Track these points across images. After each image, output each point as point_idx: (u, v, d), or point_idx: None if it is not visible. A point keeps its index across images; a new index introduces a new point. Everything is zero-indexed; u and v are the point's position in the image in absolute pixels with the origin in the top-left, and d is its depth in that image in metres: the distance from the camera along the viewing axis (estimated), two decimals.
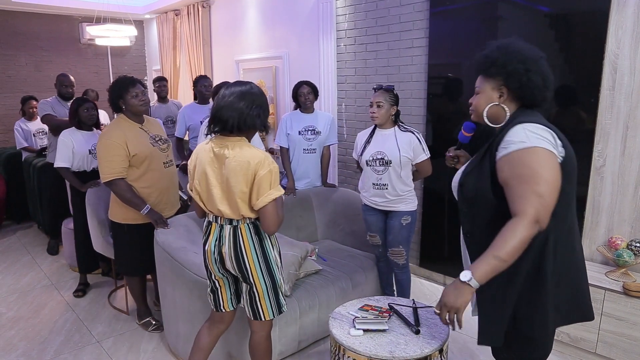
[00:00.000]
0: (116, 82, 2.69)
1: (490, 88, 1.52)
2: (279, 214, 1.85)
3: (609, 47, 2.58)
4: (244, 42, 5.33)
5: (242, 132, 1.87)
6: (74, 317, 3.18)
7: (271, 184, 1.81)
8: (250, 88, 1.88)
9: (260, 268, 1.93)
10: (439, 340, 1.97)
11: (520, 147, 1.35)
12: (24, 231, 5.12)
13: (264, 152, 1.84)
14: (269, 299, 1.98)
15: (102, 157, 2.61)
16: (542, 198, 1.30)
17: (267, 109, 1.92)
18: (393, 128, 2.81)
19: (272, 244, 1.98)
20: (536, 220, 1.30)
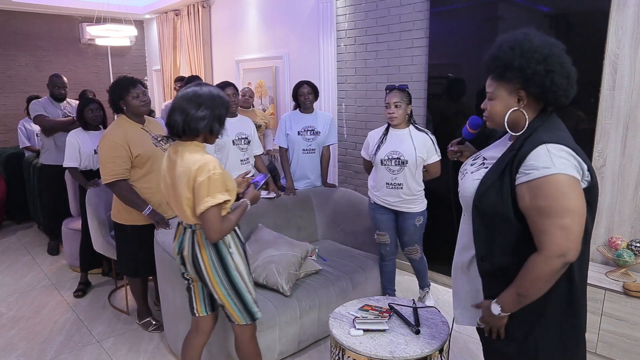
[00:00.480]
0: (116, 83, 2.68)
1: (506, 93, 1.35)
2: (216, 222, 1.76)
3: (609, 47, 2.58)
4: (244, 42, 5.33)
5: (192, 136, 1.82)
6: (74, 317, 3.18)
7: (208, 190, 1.73)
8: (199, 89, 1.82)
9: (218, 275, 1.89)
10: (439, 340, 1.97)
11: (543, 173, 1.23)
12: (24, 231, 5.12)
13: (209, 158, 1.77)
14: (235, 305, 1.94)
15: (103, 159, 2.61)
16: (566, 231, 1.22)
17: (220, 111, 1.83)
18: (408, 128, 2.84)
19: (232, 251, 1.91)
20: (560, 254, 1.23)
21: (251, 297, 1.97)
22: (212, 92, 1.84)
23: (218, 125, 1.85)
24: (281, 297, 2.56)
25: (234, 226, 1.87)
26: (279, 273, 2.61)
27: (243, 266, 1.95)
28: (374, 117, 3.94)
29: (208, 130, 1.83)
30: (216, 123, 1.83)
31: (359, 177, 4.17)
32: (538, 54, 1.27)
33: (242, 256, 1.96)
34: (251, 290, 1.98)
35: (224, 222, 1.81)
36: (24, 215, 5.25)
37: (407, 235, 2.94)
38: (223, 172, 1.80)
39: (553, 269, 1.24)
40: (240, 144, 3.32)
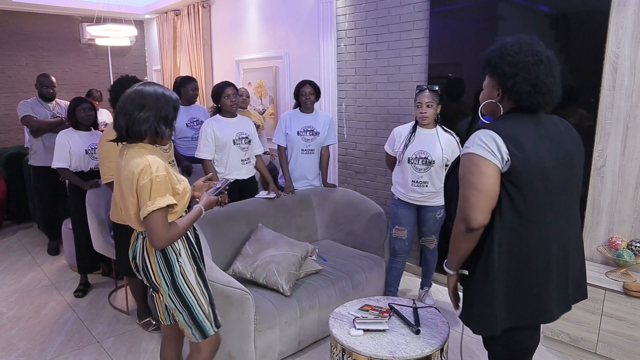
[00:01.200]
0: (118, 82, 2.69)
1: (491, 86, 1.57)
2: (160, 228, 1.64)
3: (609, 47, 2.58)
4: (244, 42, 5.33)
5: (138, 139, 1.73)
6: (74, 317, 3.18)
7: (150, 194, 1.62)
8: (143, 89, 1.72)
9: (167, 285, 1.78)
10: (439, 340, 1.97)
11: (465, 151, 1.48)
12: (24, 231, 5.12)
13: (152, 160, 1.66)
14: (184, 319, 1.82)
15: (103, 158, 2.61)
16: (466, 201, 1.45)
17: (166, 111, 1.73)
18: (435, 128, 2.92)
19: (182, 260, 1.79)
20: (461, 219, 1.47)
21: (202, 312, 1.82)
22: (157, 91, 1.74)
23: (164, 126, 1.74)
24: (281, 297, 2.56)
25: (182, 233, 1.74)
26: (279, 273, 2.61)
27: (193, 277, 1.81)
28: (374, 117, 3.94)
29: (153, 133, 1.72)
30: (162, 124, 1.72)
31: (359, 177, 4.17)
32: (511, 57, 1.46)
33: (193, 266, 1.82)
34: (203, 303, 1.83)
35: (171, 228, 1.68)
36: (24, 215, 5.26)
37: (426, 227, 3.05)
38: (169, 174, 1.70)
39: (458, 230, 1.50)
40: (241, 144, 3.32)
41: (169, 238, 1.68)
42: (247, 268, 2.71)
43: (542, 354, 2.65)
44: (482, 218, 1.44)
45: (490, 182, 1.42)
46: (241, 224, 3.09)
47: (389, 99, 3.80)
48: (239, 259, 2.79)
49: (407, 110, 3.64)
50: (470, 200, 1.43)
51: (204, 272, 1.88)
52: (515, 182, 1.43)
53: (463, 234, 1.48)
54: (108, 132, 2.66)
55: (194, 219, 1.80)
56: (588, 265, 2.35)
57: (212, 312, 1.87)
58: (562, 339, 2.61)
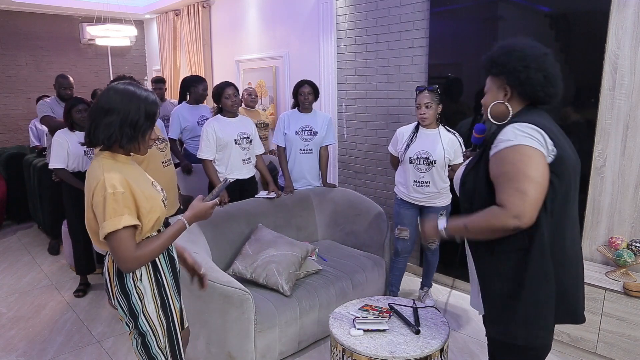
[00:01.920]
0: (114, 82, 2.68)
1: (495, 87, 1.54)
2: (124, 250, 1.43)
3: (609, 47, 2.58)
4: (244, 42, 5.34)
5: (97, 145, 1.51)
6: (74, 317, 3.18)
7: (105, 213, 1.40)
8: (110, 89, 1.51)
9: (125, 312, 1.56)
10: (439, 340, 1.97)
11: (507, 145, 1.38)
12: (24, 231, 5.12)
13: (108, 174, 1.43)
14: (136, 346, 1.59)
15: None
16: (523, 195, 1.32)
17: (135, 116, 1.48)
18: (437, 128, 2.92)
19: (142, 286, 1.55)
20: (515, 215, 1.33)
21: (157, 344, 1.58)
22: (127, 91, 1.50)
23: (131, 134, 1.49)
24: (281, 297, 2.56)
25: (157, 253, 1.52)
26: (279, 273, 2.61)
27: (153, 306, 1.56)
28: (374, 117, 3.94)
29: (116, 142, 1.49)
30: (127, 132, 1.48)
31: (359, 177, 4.17)
32: (519, 52, 1.46)
33: (155, 294, 1.57)
34: (160, 336, 1.58)
35: (141, 248, 1.47)
36: (24, 215, 5.26)
37: None
38: (134, 190, 1.46)
39: (505, 225, 1.35)
40: (242, 144, 3.32)
41: (138, 259, 1.46)
42: (247, 268, 2.71)
43: None
44: (535, 215, 1.34)
45: (547, 174, 1.35)
46: (241, 224, 3.09)
47: (389, 99, 3.80)
48: (239, 259, 2.79)
49: (407, 110, 3.64)
50: (530, 194, 1.31)
51: (171, 305, 1.62)
52: (559, 174, 1.37)
53: (506, 230, 1.36)
54: None
55: (175, 236, 1.56)
56: (588, 265, 2.36)
57: (169, 345, 1.61)
58: (562, 339, 2.61)
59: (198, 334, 2.42)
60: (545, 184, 1.35)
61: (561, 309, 1.44)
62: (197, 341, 2.43)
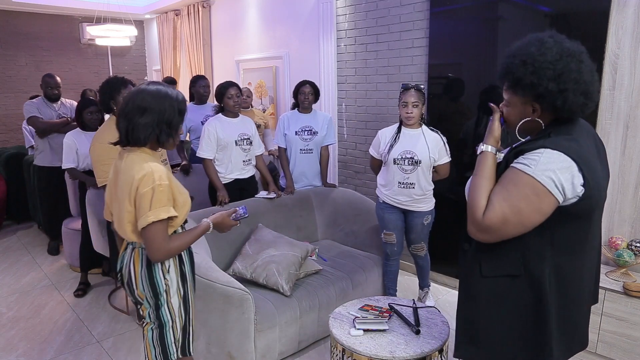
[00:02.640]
0: (107, 83, 2.67)
1: (520, 103, 1.31)
2: (159, 240, 1.53)
3: (609, 47, 2.58)
4: (244, 42, 5.34)
5: (139, 145, 1.60)
6: (74, 317, 3.18)
7: (151, 204, 1.50)
8: (146, 92, 1.58)
9: (147, 299, 1.66)
10: (439, 340, 1.97)
11: (526, 170, 1.21)
12: (24, 231, 5.12)
13: (155, 167, 1.54)
14: (152, 337, 1.69)
15: (96, 162, 2.60)
16: (504, 218, 1.22)
17: (169, 117, 1.59)
18: (421, 127, 2.86)
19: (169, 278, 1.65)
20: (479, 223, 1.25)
21: (173, 334, 1.68)
22: (160, 92, 1.60)
23: (167, 132, 1.61)
24: (281, 297, 2.56)
25: (184, 247, 1.63)
26: (279, 273, 2.61)
27: (177, 298, 1.67)
28: (374, 117, 3.94)
29: (154, 140, 1.61)
30: (164, 130, 1.60)
31: (359, 177, 4.17)
32: (551, 71, 1.20)
33: (180, 289, 1.68)
34: (177, 326, 1.68)
35: (172, 241, 1.57)
36: (24, 215, 5.25)
37: (414, 234, 2.97)
38: (172, 184, 1.58)
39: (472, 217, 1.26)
40: (242, 145, 3.32)
41: (169, 251, 1.57)
42: (247, 268, 2.71)
43: None
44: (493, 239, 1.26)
45: (538, 220, 1.22)
46: (241, 224, 3.07)
47: (389, 99, 3.80)
48: (239, 259, 2.79)
49: None
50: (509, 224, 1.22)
51: (190, 297, 1.72)
52: (581, 214, 1.25)
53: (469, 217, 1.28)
54: (100, 135, 2.65)
55: (200, 234, 1.68)
56: None
57: (182, 338, 1.71)
58: None
59: (198, 334, 2.42)
60: (529, 226, 1.23)
61: (572, 339, 1.37)
62: (197, 341, 2.43)
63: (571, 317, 1.34)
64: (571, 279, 1.31)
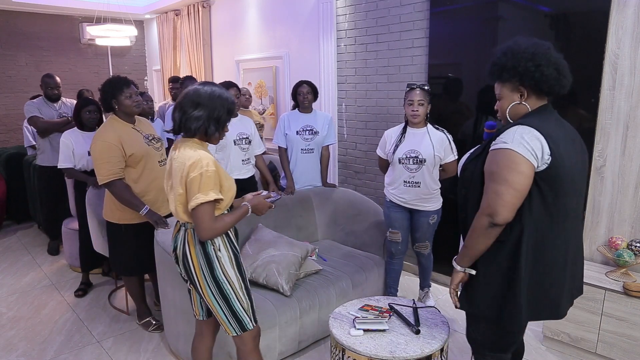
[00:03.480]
0: (109, 82, 2.67)
1: (509, 91, 1.58)
2: (207, 220, 1.72)
3: (609, 47, 2.58)
4: (244, 42, 5.34)
5: (189, 134, 1.80)
6: (74, 317, 3.18)
7: (200, 187, 1.70)
8: (202, 89, 1.79)
9: (205, 277, 1.83)
10: (439, 340, 1.97)
11: (501, 146, 1.47)
12: (25, 231, 5.12)
13: (204, 155, 1.75)
14: (223, 312, 1.86)
15: (98, 159, 2.60)
16: (498, 196, 1.44)
17: (219, 113, 1.79)
18: (426, 127, 2.88)
19: (221, 255, 1.83)
20: (488, 213, 1.46)
21: (241, 306, 1.87)
22: (214, 92, 1.80)
23: (215, 127, 1.80)
24: (281, 297, 2.56)
25: (228, 227, 1.81)
26: (279, 273, 2.61)
27: (233, 272, 1.85)
28: (374, 117, 3.94)
29: (203, 132, 1.80)
30: (212, 125, 1.79)
31: (359, 177, 4.17)
32: (526, 53, 1.50)
33: (233, 262, 1.87)
34: (242, 298, 1.88)
35: (217, 221, 1.76)
36: (24, 215, 5.26)
37: (420, 232, 3.00)
38: (218, 170, 1.78)
39: (482, 224, 1.49)
40: (241, 144, 3.32)
41: (215, 230, 1.75)
42: (247, 268, 2.71)
43: (542, 354, 2.65)
44: (509, 215, 1.46)
45: (526, 182, 1.44)
46: (241, 224, 3.06)
47: (389, 99, 3.80)
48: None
49: None
50: (504, 197, 1.44)
51: (244, 271, 1.92)
52: (550, 183, 1.46)
53: (485, 228, 1.48)
54: (101, 133, 2.66)
55: (241, 217, 1.87)
56: (588, 265, 2.36)
57: (250, 307, 1.92)
58: (562, 339, 2.61)
59: None
60: (522, 189, 1.45)
61: (542, 304, 1.55)
62: None
63: (542, 283, 1.53)
64: (545, 248, 1.52)
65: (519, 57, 1.50)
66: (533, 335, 2.83)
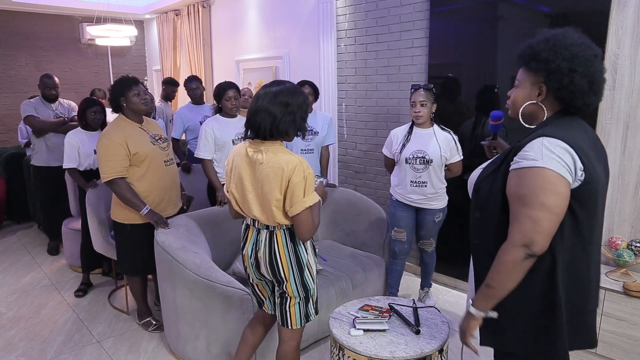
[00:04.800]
0: (119, 80, 2.72)
1: (530, 83, 1.37)
2: (314, 221, 1.78)
3: (609, 47, 2.58)
4: (244, 42, 5.34)
5: (276, 138, 1.80)
6: (74, 317, 3.18)
7: (305, 191, 1.73)
8: (284, 89, 1.78)
9: (294, 275, 1.88)
10: (439, 340, 1.97)
11: (530, 164, 1.25)
12: (24, 231, 5.13)
13: (299, 158, 1.75)
14: (299, 307, 1.94)
15: (102, 157, 2.62)
16: (535, 223, 1.23)
17: (304, 110, 1.82)
18: (432, 127, 2.91)
19: (306, 251, 1.92)
20: (524, 244, 1.25)
21: (313, 299, 1.96)
22: (298, 90, 1.81)
23: (303, 122, 1.82)
24: None
25: (319, 223, 1.86)
26: None
27: (314, 270, 1.95)
28: (374, 117, 3.94)
29: (296, 133, 1.82)
30: (302, 124, 1.82)
31: (359, 177, 4.17)
32: (567, 51, 1.28)
33: (313, 256, 1.96)
34: (316, 291, 1.97)
35: (316, 221, 1.81)
36: (24, 215, 5.26)
37: (425, 230, 3.04)
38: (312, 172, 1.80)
39: (516, 258, 1.26)
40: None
41: (314, 230, 1.80)
42: None
43: None
44: (547, 244, 1.26)
45: (564, 204, 1.24)
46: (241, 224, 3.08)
47: (389, 99, 3.80)
48: (239, 259, 2.79)
49: (407, 110, 3.63)
50: (541, 224, 1.23)
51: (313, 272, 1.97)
52: (583, 201, 1.27)
53: (519, 262, 1.26)
54: (108, 131, 2.67)
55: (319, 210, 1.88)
56: None
57: (317, 300, 2.00)
58: None
59: (198, 334, 2.42)
60: (561, 214, 1.25)
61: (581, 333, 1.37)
62: (198, 341, 2.43)
63: (580, 311, 1.35)
64: (578, 272, 1.33)
65: (558, 52, 1.28)
66: None
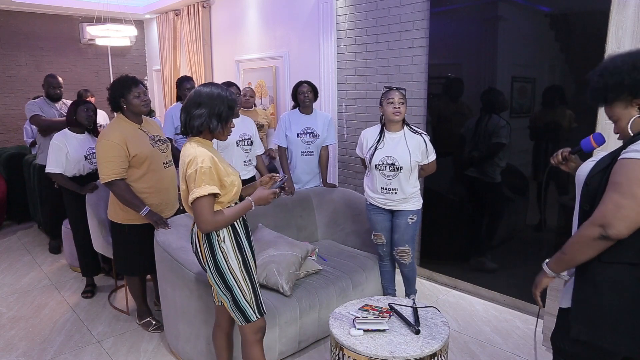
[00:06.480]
0: (119, 81, 2.67)
1: (622, 110, 1.43)
2: (205, 213, 1.80)
3: (609, 47, 2.58)
4: (244, 42, 5.34)
5: (194, 134, 1.90)
6: (74, 317, 3.19)
7: (196, 182, 1.79)
8: (202, 89, 1.90)
9: (210, 269, 1.93)
10: (439, 340, 1.97)
11: (632, 155, 1.32)
12: (25, 231, 5.13)
13: (200, 152, 1.83)
14: (228, 302, 1.95)
15: (101, 158, 2.61)
16: (619, 208, 1.30)
17: (219, 109, 1.87)
18: (402, 130, 2.81)
19: (225, 246, 1.90)
20: (601, 224, 1.32)
21: (244, 297, 1.94)
22: (213, 91, 1.89)
23: (217, 122, 1.88)
24: (281, 297, 2.56)
25: (229, 221, 1.87)
26: (279, 273, 2.61)
27: (236, 264, 1.92)
28: (374, 117, 3.93)
29: (206, 129, 1.89)
30: (214, 120, 1.87)
31: (358, 177, 4.17)
32: (626, 65, 1.37)
33: (237, 254, 1.92)
34: (245, 290, 1.94)
35: (217, 215, 1.83)
36: (24, 215, 5.26)
37: (398, 234, 2.88)
38: (216, 166, 1.84)
39: (590, 234, 1.34)
40: (243, 145, 3.31)
41: (214, 223, 1.83)
42: None
43: (542, 354, 2.65)
44: (626, 232, 1.31)
45: None
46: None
47: None
48: None
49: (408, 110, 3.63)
50: (624, 210, 1.29)
51: (250, 263, 1.97)
52: None
53: (592, 239, 1.34)
54: (106, 132, 2.66)
55: (243, 211, 1.92)
56: None
57: (254, 299, 1.97)
58: None
59: (198, 334, 2.42)
60: None
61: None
62: (198, 341, 2.43)
63: None
64: None
65: (619, 72, 1.37)
66: (533, 335, 2.83)
